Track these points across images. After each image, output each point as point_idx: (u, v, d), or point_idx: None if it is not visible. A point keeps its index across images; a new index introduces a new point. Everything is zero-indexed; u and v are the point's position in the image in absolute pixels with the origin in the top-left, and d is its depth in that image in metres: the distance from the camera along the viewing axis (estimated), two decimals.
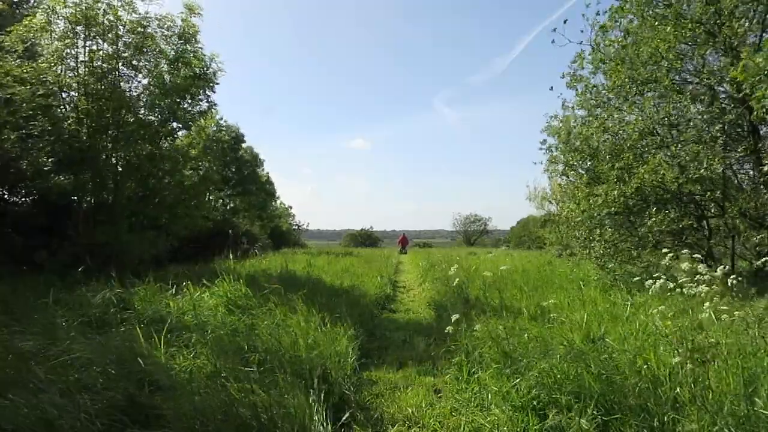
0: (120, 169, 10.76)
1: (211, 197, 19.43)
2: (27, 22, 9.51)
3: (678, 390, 2.77)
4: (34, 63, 9.45)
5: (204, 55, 11.55)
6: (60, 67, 9.90)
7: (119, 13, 10.15)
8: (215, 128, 20.05)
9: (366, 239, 51.20)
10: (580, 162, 9.27)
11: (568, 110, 10.08)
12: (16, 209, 10.23)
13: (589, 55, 9.20)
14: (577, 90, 9.68)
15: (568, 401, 3.06)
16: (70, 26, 9.85)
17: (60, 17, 9.83)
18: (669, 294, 3.51)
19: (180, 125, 11.97)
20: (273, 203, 29.91)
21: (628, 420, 2.76)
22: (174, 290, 6.45)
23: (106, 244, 9.61)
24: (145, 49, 10.52)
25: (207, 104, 12.31)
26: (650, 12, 7.71)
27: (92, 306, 5.66)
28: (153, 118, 11.07)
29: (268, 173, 27.66)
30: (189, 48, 11.24)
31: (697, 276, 3.09)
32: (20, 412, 2.82)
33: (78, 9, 9.66)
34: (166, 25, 10.83)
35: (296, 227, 37.65)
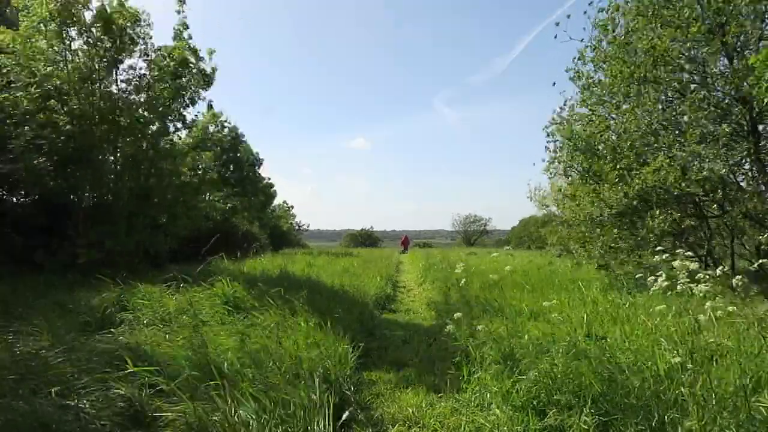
0: (118, 168, 10.76)
1: (210, 197, 19.41)
2: (6, 31, 9.45)
3: (681, 389, 2.77)
4: (26, 65, 9.44)
5: (197, 50, 11.57)
6: (51, 68, 9.88)
7: (90, 4, 10.13)
8: (214, 127, 20.09)
9: (366, 239, 51.24)
10: (582, 162, 9.25)
11: (570, 109, 10.05)
12: (16, 209, 10.23)
13: (591, 51, 9.17)
14: (579, 86, 9.65)
15: (568, 401, 3.05)
16: (54, 24, 9.84)
17: (40, 17, 9.78)
18: (669, 294, 3.50)
19: (177, 123, 11.99)
20: (273, 203, 29.91)
21: (629, 419, 2.76)
22: (173, 290, 6.44)
23: (105, 244, 9.61)
24: (123, 43, 10.51)
25: (201, 101, 12.38)
26: (653, 12, 7.68)
27: (92, 306, 5.65)
28: (147, 114, 11.06)
29: (266, 173, 27.71)
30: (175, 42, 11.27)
31: (698, 275, 3.09)
32: (20, 413, 2.82)
33: (57, 8, 9.63)
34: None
35: (296, 227, 37.65)
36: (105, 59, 10.40)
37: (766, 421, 2.46)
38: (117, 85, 10.84)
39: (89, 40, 10.20)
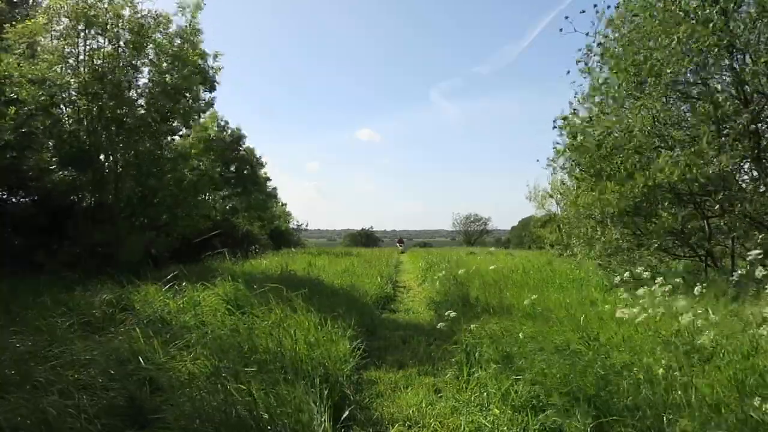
0: (120, 168, 10.76)
1: (210, 197, 19.41)
2: (27, 23, 9.48)
3: (679, 392, 2.77)
4: (34, 63, 9.44)
5: (206, 53, 11.59)
6: (60, 66, 9.89)
7: (120, 12, 10.19)
8: (217, 128, 20.13)
9: (366, 239, 51.33)
10: (587, 159, 9.13)
11: (578, 104, 9.93)
12: (17, 209, 10.23)
13: (598, 47, 9.09)
14: (588, 83, 9.55)
15: (565, 401, 3.05)
16: (70, 24, 9.86)
17: (61, 16, 9.82)
18: (667, 296, 3.51)
19: (180, 124, 11.98)
20: (273, 203, 29.90)
21: (624, 420, 2.76)
22: (173, 290, 6.44)
23: (105, 244, 9.61)
24: (144, 48, 10.54)
25: (205, 102, 12.38)
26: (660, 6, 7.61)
27: (92, 306, 5.66)
28: (153, 115, 11.07)
29: (266, 173, 27.66)
30: (188, 47, 11.26)
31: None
32: (20, 412, 2.82)
33: (78, 7, 9.66)
34: (162, 23, 10.83)
35: (296, 227, 37.65)
36: (123, 59, 10.44)
37: (759, 422, 2.46)
38: (129, 85, 10.84)
39: (111, 39, 10.25)
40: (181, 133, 12.74)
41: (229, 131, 23.12)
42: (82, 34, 9.96)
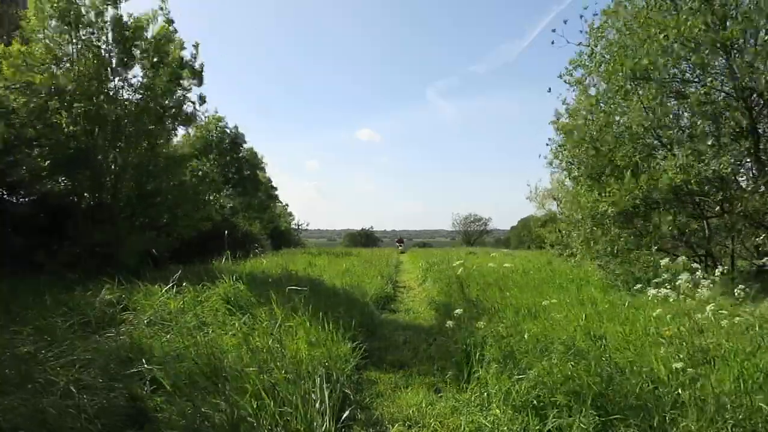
0: (117, 169, 10.74)
1: (210, 197, 19.43)
2: (12, 48, 9.43)
3: (679, 391, 2.77)
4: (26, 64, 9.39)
5: (183, 42, 11.54)
6: (54, 67, 9.85)
7: (102, 9, 10.16)
8: (217, 129, 20.08)
9: (366, 239, 51.37)
10: (584, 157, 9.13)
11: (570, 105, 9.99)
12: (17, 209, 10.22)
13: (588, 56, 9.16)
14: (575, 90, 9.63)
15: (567, 401, 3.05)
16: (59, 23, 9.82)
17: (50, 16, 9.77)
18: (670, 297, 3.51)
19: (177, 122, 11.92)
20: (273, 204, 29.92)
21: (627, 419, 2.76)
22: (174, 290, 6.43)
23: (105, 244, 9.60)
24: (131, 47, 10.52)
25: (199, 97, 12.34)
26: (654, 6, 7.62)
27: (92, 306, 5.65)
28: (149, 110, 11.05)
29: (268, 176, 27.70)
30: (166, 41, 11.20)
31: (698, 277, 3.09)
32: (20, 412, 2.82)
33: (62, 6, 9.64)
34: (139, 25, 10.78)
35: (296, 227, 37.66)
36: (114, 58, 10.43)
37: (764, 420, 2.46)
38: (123, 88, 10.82)
39: (99, 46, 10.24)
40: (180, 132, 12.68)
41: (228, 131, 23.08)
42: (73, 33, 9.92)
